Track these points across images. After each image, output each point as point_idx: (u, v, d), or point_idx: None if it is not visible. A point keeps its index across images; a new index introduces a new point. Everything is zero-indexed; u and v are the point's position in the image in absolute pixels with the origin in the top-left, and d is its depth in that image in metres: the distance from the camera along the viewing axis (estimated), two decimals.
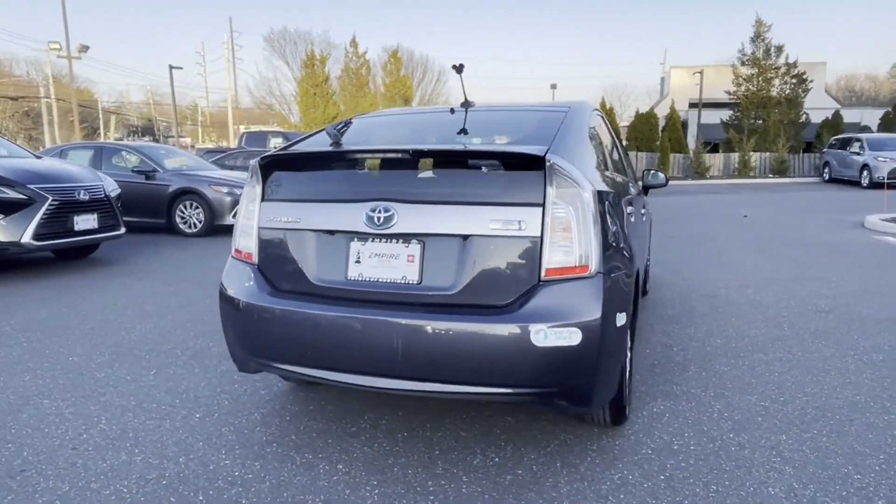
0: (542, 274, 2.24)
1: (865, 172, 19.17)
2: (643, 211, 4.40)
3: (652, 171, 4.83)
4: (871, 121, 26.89)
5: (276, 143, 19.40)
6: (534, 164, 2.26)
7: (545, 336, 2.16)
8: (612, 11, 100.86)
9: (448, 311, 2.27)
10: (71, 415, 3.01)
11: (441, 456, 2.58)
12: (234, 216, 9.77)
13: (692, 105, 30.04)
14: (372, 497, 2.28)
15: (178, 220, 9.67)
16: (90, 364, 3.73)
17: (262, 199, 2.64)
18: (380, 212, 2.36)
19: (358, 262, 2.44)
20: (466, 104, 3.09)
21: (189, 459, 2.57)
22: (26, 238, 6.09)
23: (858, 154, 19.87)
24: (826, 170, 22.21)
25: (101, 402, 3.16)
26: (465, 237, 2.29)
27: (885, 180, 18.04)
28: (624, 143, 25.46)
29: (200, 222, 9.59)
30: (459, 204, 2.31)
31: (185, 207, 9.64)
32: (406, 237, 2.37)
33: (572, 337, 2.16)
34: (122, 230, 7.27)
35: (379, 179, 2.45)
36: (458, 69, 3.12)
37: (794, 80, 24.91)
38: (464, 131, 2.80)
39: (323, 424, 2.90)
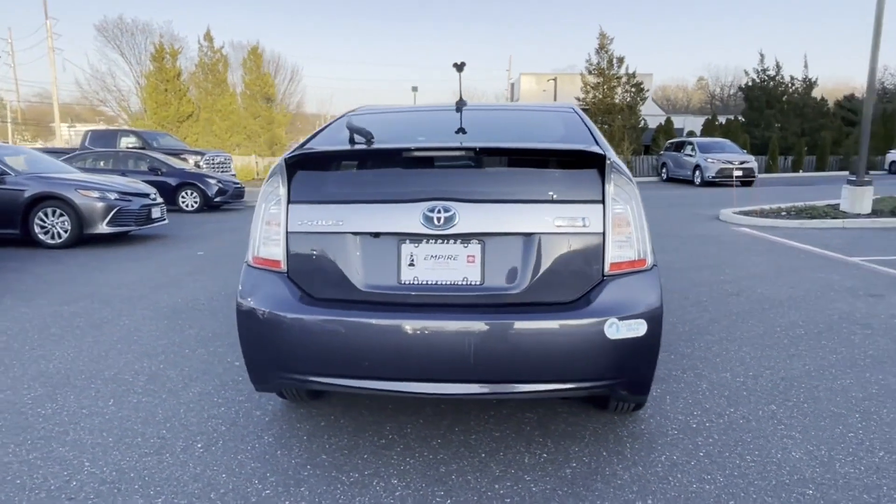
0: (607, 269, 2.30)
1: (698, 172, 21.68)
2: None
3: None
4: (694, 126, 30.46)
5: (128, 143, 17.62)
6: (594, 161, 2.31)
7: (617, 329, 2.22)
8: (459, 20, 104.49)
9: (517, 310, 2.26)
10: (40, 461, 2.55)
11: (490, 458, 2.55)
12: (108, 224, 8.75)
13: None
14: None
15: (37, 229, 8.43)
16: (24, 400, 3.17)
17: (290, 202, 2.43)
18: (439, 212, 2.28)
19: (412, 265, 2.33)
20: (461, 103, 3.07)
21: (222, 495, 2.29)
22: None
23: (691, 156, 22.43)
24: (664, 170, 24.78)
25: (68, 442, 2.71)
26: (528, 235, 2.29)
27: (714, 179, 20.63)
28: None
29: (66, 232, 8.45)
30: (521, 202, 2.30)
31: (47, 215, 8.44)
32: (465, 237, 2.31)
33: (639, 328, 2.25)
34: None
35: (433, 178, 2.36)
36: (459, 67, 3.09)
37: (633, 89, 27.49)
38: (494, 129, 2.78)
39: (348, 440, 2.72)
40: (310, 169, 2.45)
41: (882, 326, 4.36)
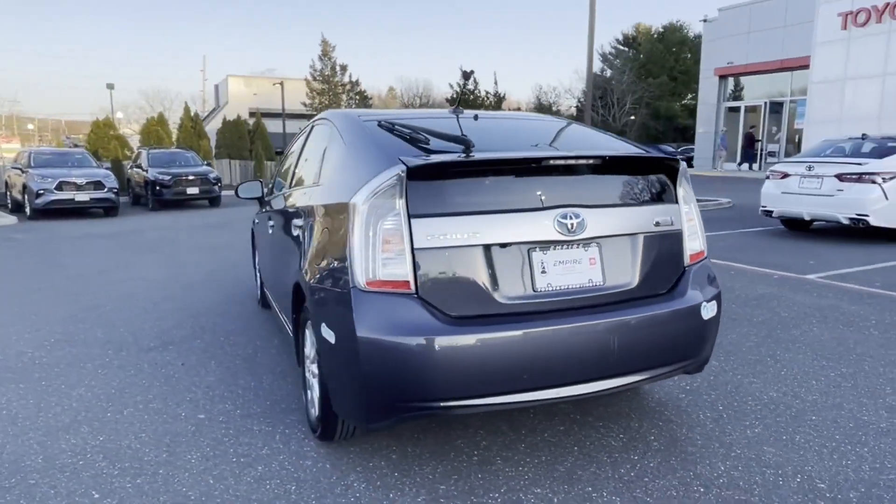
0: (687, 260, 2.66)
1: None
2: None
3: None
4: None
5: None
6: (671, 167, 2.64)
7: (707, 310, 2.60)
8: (151, 17, 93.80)
9: (637, 304, 2.47)
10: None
11: (586, 459, 2.69)
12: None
13: (252, 114, 30.29)
14: None
15: None
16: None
17: (411, 216, 2.21)
18: (571, 218, 2.35)
19: (544, 272, 2.36)
20: (457, 111, 3.11)
21: None
22: None
23: None
24: None
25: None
26: (633, 235, 2.52)
27: None
28: (213, 151, 24.70)
29: None
30: (626, 205, 2.52)
31: None
32: (587, 241, 2.43)
33: (715, 308, 2.66)
34: None
35: (559, 185, 2.41)
36: (467, 76, 3.13)
37: (357, 97, 28.54)
38: (560, 137, 2.90)
39: (419, 458, 2.57)
40: (431, 180, 2.26)
41: None
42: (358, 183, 2.36)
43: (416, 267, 2.21)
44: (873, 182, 7.80)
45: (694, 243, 2.69)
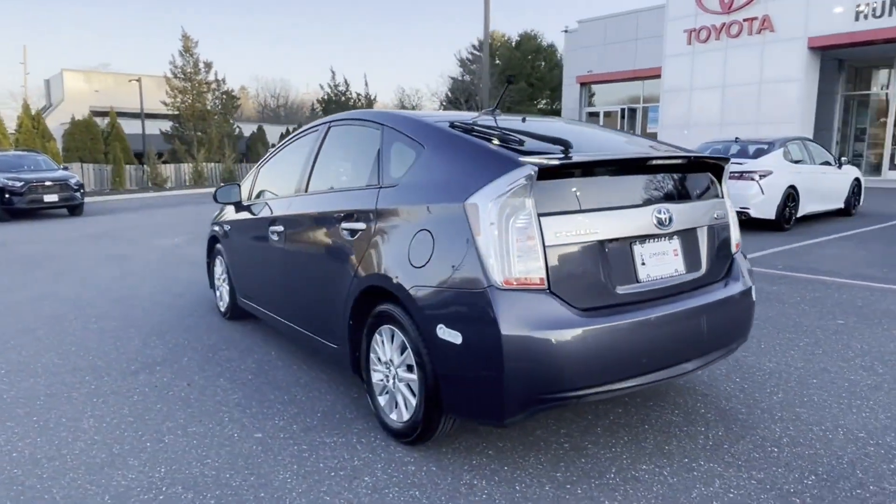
0: (734, 249, 2.98)
1: None
2: None
3: None
4: (273, 136, 31.68)
5: None
6: (719, 166, 2.94)
7: (754, 294, 2.94)
8: None
9: (710, 289, 2.75)
10: None
11: (663, 435, 2.92)
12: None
13: (96, 113, 27.56)
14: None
15: None
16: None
17: (540, 215, 2.29)
18: (665, 213, 2.57)
19: (643, 263, 2.55)
20: (494, 111, 3.23)
21: None
22: None
23: None
24: None
25: None
26: (701, 228, 2.79)
27: None
28: (62, 153, 22.15)
29: None
30: (695, 200, 2.78)
31: None
32: (671, 234, 2.65)
33: (754, 292, 3.01)
34: None
35: (652, 183, 2.62)
36: (510, 81, 3.26)
37: (224, 96, 27.01)
38: (616, 139, 3.08)
39: (514, 451, 2.66)
40: (553, 179, 2.35)
41: None
42: (470, 184, 2.39)
43: (549, 264, 2.30)
44: (752, 179, 8.97)
45: (735, 234, 3.03)
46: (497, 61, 43.27)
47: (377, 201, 2.86)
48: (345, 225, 3.03)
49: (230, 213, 4.69)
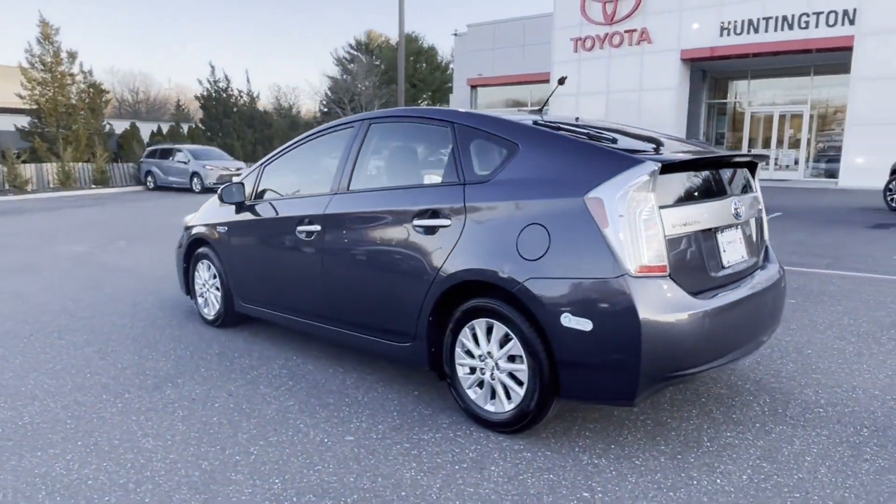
0: (766, 237, 3.36)
1: (196, 180, 21.66)
2: None
3: None
4: (144, 132, 29.44)
5: None
6: (755, 163, 3.31)
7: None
8: None
9: (765, 272, 3.10)
10: None
11: (730, 423, 3.23)
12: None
13: None
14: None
15: None
16: None
17: (660, 207, 2.49)
18: (738, 205, 2.86)
19: (724, 250, 2.83)
20: (541, 110, 3.42)
21: None
22: None
23: (185, 163, 22.15)
24: (149, 178, 23.50)
25: None
26: (751, 218, 3.13)
27: (214, 185, 21.10)
28: None
29: None
30: (746, 194, 3.11)
31: None
32: (737, 225, 2.96)
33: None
34: None
35: (727, 179, 2.89)
36: (561, 81, 3.45)
37: (92, 90, 24.64)
38: (670, 137, 3.33)
39: (608, 436, 2.86)
40: (668, 174, 2.55)
41: None
42: (588, 180, 2.52)
43: (668, 252, 2.50)
44: None
45: (767, 225, 3.42)
46: (377, 61, 43.31)
47: (464, 198, 2.89)
48: (418, 222, 3.02)
49: (224, 214, 4.41)
